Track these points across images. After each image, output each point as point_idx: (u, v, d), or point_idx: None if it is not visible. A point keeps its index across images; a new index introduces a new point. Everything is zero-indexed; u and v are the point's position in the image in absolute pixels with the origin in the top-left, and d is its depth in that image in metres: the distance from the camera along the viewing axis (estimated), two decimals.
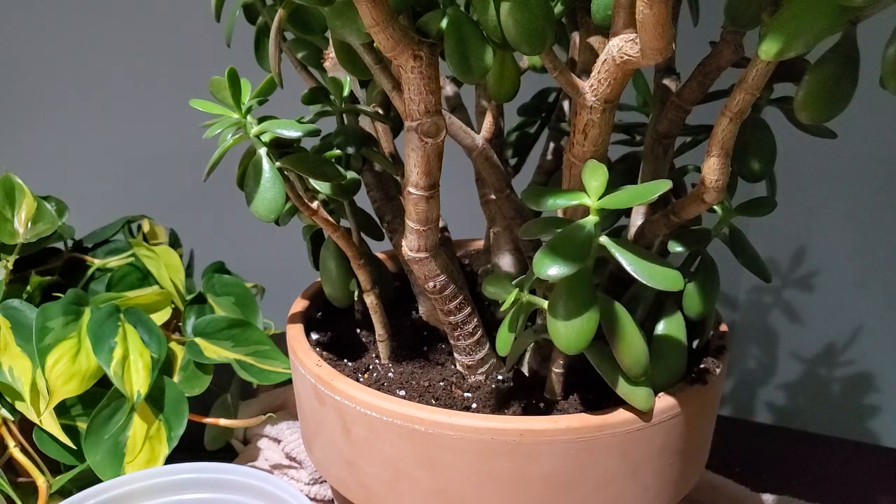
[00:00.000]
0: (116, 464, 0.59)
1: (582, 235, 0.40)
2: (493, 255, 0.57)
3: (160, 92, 0.84)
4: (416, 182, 0.44)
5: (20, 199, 0.68)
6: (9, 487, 0.58)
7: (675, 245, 0.47)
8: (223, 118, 0.45)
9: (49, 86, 0.92)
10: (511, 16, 0.37)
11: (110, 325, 0.62)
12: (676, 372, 0.47)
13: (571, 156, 0.43)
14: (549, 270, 0.38)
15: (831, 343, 0.86)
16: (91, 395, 0.61)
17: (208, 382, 0.65)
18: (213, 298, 0.72)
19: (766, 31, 0.33)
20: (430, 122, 0.41)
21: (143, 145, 0.93)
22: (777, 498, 0.66)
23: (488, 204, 0.56)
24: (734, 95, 0.38)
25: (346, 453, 0.50)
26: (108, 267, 0.71)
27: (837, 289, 0.85)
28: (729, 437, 0.59)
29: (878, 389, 0.85)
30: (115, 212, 0.78)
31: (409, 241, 0.47)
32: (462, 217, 0.65)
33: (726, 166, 0.40)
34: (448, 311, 0.49)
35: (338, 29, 0.40)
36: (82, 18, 0.89)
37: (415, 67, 0.39)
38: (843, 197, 0.81)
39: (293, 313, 0.58)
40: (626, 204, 0.39)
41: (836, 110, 0.38)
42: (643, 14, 0.33)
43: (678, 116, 0.48)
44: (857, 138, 0.73)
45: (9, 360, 0.59)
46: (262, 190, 0.45)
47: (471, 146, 0.51)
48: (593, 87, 0.39)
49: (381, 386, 0.52)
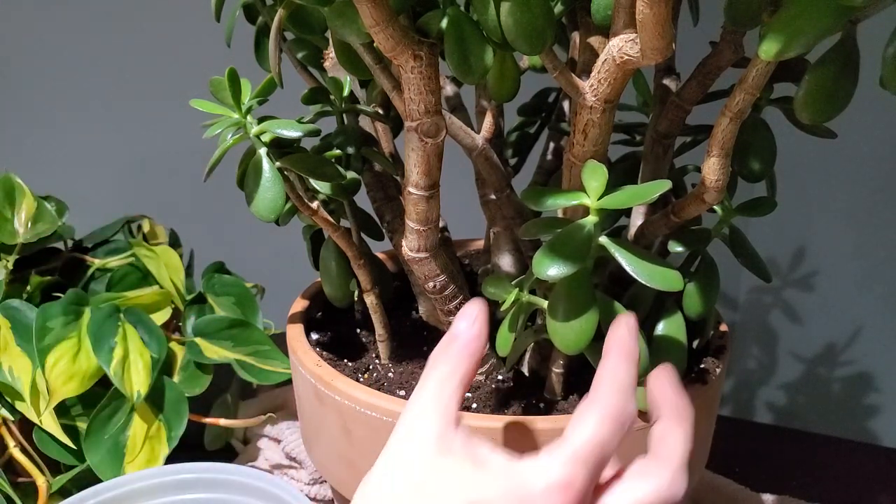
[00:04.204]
0: (116, 464, 0.59)
1: (582, 235, 0.40)
2: (493, 255, 0.57)
3: (160, 92, 0.84)
4: (416, 182, 0.44)
5: (20, 199, 0.68)
6: (9, 487, 0.58)
7: (675, 245, 0.47)
8: (223, 118, 0.45)
9: (49, 86, 0.92)
10: (511, 16, 0.37)
11: (110, 325, 0.62)
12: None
13: (571, 156, 0.43)
14: (549, 271, 0.38)
15: (831, 343, 0.86)
16: (91, 395, 0.61)
17: (208, 382, 0.65)
18: (213, 298, 0.72)
19: (766, 31, 0.33)
20: (430, 122, 0.41)
21: (143, 145, 0.93)
22: (777, 498, 0.66)
23: (488, 204, 0.56)
24: (734, 95, 0.38)
25: (346, 453, 0.50)
26: (108, 267, 0.71)
27: (837, 289, 0.85)
28: (729, 437, 0.59)
29: (878, 389, 0.85)
30: (115, 212, 0.78)
31: (409, 241, 0.47)
32: (462, 217, 0.65)
33: (726, 166, 0.40)
34: (448, 311, 0.49)
35: (338, 29, 0.40)
36: (83, 19, 0.89)
37: (415, 67, 0.39)
38: (843, 197, 0.81)
39: (293, 313, 0.58)
40: (626, 204, 0.39)
41: (836, 110, 0.38)
42: (643, 14, 0.33)
43: (678, 116, 0.48)
44: (857, 138, 0.73)
45: (9, 360, 0.59)
46: (262, 190, 0.45)
47: (471, 146, 0.51)
48: (593, 87, 0.39)
49: (381, 386, 0.52)
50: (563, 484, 0.32)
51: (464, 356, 0.35)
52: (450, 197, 0.49)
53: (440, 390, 0.35)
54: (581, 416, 0.34)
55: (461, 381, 0.35)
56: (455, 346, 0.36)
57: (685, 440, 0.35)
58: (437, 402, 0.34)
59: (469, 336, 0.36)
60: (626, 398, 0.34)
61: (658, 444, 0.35)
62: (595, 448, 0.33)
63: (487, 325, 0.36)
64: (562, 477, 0.32)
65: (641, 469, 0.34)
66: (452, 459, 0.33)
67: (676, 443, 0.35)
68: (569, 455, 0.32)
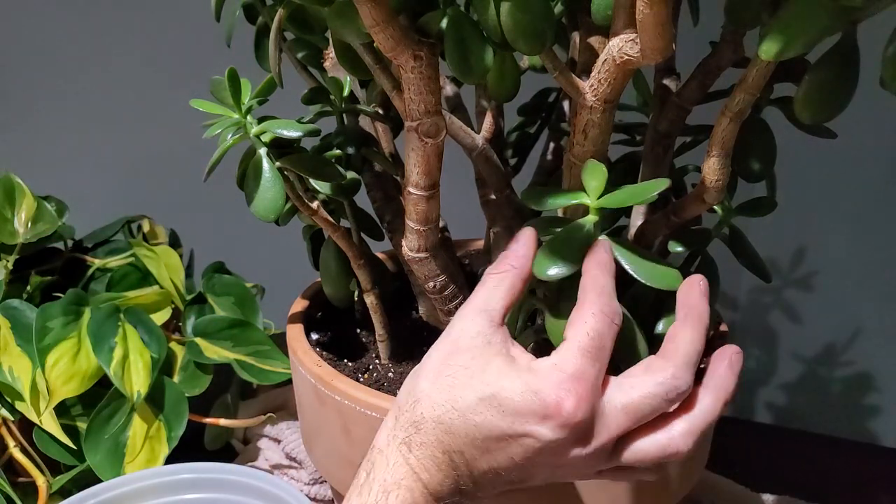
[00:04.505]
0: (116, 464, 0.59)
1: (581, 235, 0.40)
2: (493, 255, 0.57)
3: (160, 92, 0.84)
4: (416, 182, 0.44)
5: (20, 199, 0.68)
6: (9, 487, 0.58)
7: (675, 245, 0.47)
8: (223, 118, 0.45)
9: (49, 86, 0.92)
10: (511, 16, 0.37)
11: (110, 325, 0.62)
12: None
13: (571, 156, 0.43)
14: (549, 271, 0.39)
15: (831, 343, 0.87)
16: (91, 395, 0.61)
17: (208, 382, 0.65)
18: (213, 298, 0.72)
19: (766, 31, 0.33)
20: (430, 122, 0.41)
21: (143, 145, 0.93)
22: (777, 498, 0.66)
23: (488, 204, 0.56)
24: (734, 95, 0.38)
25: (346, 453, 0.50)
26: (108, 267, 0.71)
27: (837, 289, 0.85)
28: (729, 437, 0.59)
29: (878, 389, 0.85)
30: (115, 212, 0.78)
31: (409, 241, 0.47)
32: (462, 217, 0.65)
33: (726, 166, 0.40)
34: (448, 311, 0.49)
35: (338, 29, 0.40)
36: (83, 19, 0.89)
37: (415, 67, 0.39)
38: (843, 197, 0.81)
39: (293, 313, 0.58)
40: (625, 203, 0.39)
41: (836, 110, 0.38)
42: (643, 14, 0.33)
43: (678, 116, 0.48)
44: (857, 138, 0.73)
45: (9, 360, 0.59)
46: (262, 190, 0.45)
47: (471, 146, 0.51)
48: (593, 87, 0.39)
49: (381, 386, 0.52)
50: (575, 375, 0.35)
51: (511, 270, 0.39)
52: (450, 197, 0.49)
53: (488, 297, 0.39)
54: (575, 315, 0.37)
55: (507, 290, 0.39)
56: (505, 261, 0.40)
57: (692, 340, 0.38)
58: (483, 306, 0.39)
59: (518, 254, 0.40)
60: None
61: (668, 342, 0.38)
62: (594, 340, 0.36)
63: (536, 248, 0.40)
64: (574, 369, 0.36)
65: (647, 364, 0.38)
66: (490, 351, 0.37)
67: (683, 342, 0.38)
68: (574, 350, 0.36)
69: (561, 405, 0.35)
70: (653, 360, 0.38)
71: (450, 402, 0.36)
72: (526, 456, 0.36)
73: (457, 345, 0.38)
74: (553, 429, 0.35)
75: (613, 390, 0.37)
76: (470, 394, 0.36)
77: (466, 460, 0.36)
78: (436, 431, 0.36)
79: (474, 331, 0.38)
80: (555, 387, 0.35)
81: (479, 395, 0.36)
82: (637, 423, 0.37)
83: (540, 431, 0.35)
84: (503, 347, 0.38)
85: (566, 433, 0.35)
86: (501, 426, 0.35)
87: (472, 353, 0.37)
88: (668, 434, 0.37)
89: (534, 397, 0.35)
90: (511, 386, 0.36)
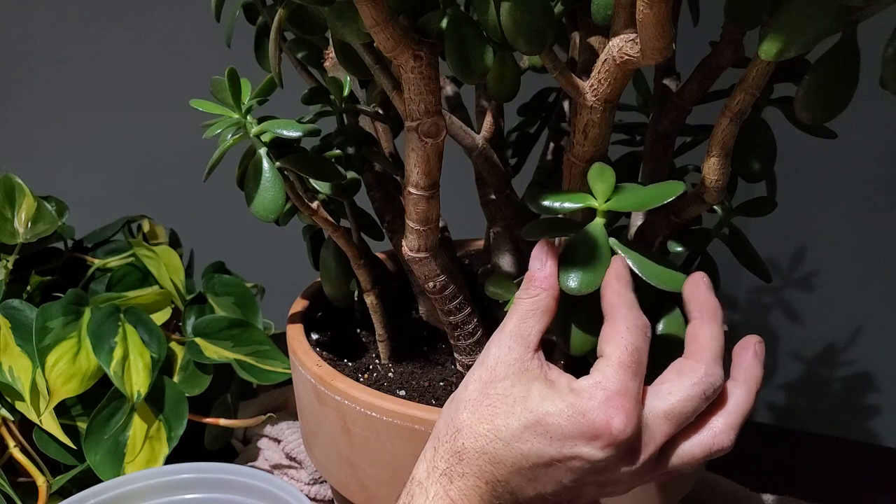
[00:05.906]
0: (116, 464, 0.59)
1: (599, 244, 0.40)
2: (493, 255, 0.57)
3: (160, 92, 0.84)
4: (416, 182, 0.44)
5: (20, 199, 0.68)
6: (9, 487, 0.58)
7: (675, 245, 0.47)
8: (223, 118, 0.45)
9: (49, 86, 0.92)
10: (511, 16, 0.37)
11: (110, 325, 0.62)
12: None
13: (572, 155, 0.43)
14: (570, 283, 0.39)
15: (831, 343, 0.87)
16: (91, 395, 0.61)
17: (208, 382, 0.65)
18: (213, 298, 0.72)
19: (766, 31, 0.33)
20: (430, 122, 0.41)
21: (143, 145, 0.93)
22: (777, 498, 0.66)
23: (488, 204, 0.56)
24: (734, 95, 0.38)
25: (346, 453, 0.50)
26: (108, 267, 0.71)
27: (837, 289, 0.85)
28: None
29: (878, 389, 0.85)
30: (115, 212, 0.78)
31: (409, 241, 0.47)
32: (462, 217, 0.65)
33: (726, 166, 0.40)
34: (448, 311, 0.49)
35: (338, 29, 0.40)
36: (83, 19, 0.89)
37: (415, 67, 0.39)
38: (843, 197, 0.81)
39: (293, 313, 0.58)
40: (638, 207, 0.39)
41: (836, 110, 0.38)
42: (643, 14, 0.33)
43: (678, 116, 0.48)
44: (857, 138, 0.73)
45: (9, 360, 0.59)
46: (262, 190, 0.45)
47: (471, 146, 0.51)
48: (593, 87, 0.39)
49: (381, 386, 0.52)
50: (619, 392, 0.35)
51: (540, 293, 0.39)
52: (450, 197, 0.49)
53: (521, 322, 0.39)
54: (609, 331, 0.38)
55: (542, 315, 0.39)
56: (532, 286, 0.40)
57: (714, 336, 0.38)
58: (517, 332, 0.39)
59: (542, 275, 0.40)
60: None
61: (691, 343, 0.39)
62: (633, 355, 0.36)
63: (556, 262, 0.40)
64: (617, 386, 0.35)
65: (678, 368, 0.38)
66: (529, 377, 0.37)
67: (706, 338, 0.38)
68: (615, 366, 0.36)
69: (610, 423, 0.35)
70: (682, 362, 0.38)
71: (493, 431, 0.36)
72: (574, 478, 0.36)
73: (494, 373, 0.38)
74: (602, 448, 0.35)
75: (652, 399, 0.37)
76: (514, 422, 0.36)
77: (511, 489, 0.36)
78: (479, 462, 0.36)
79: (511, 358, 0.38)
80: (601, 405, 0.35)
81: (523, 423, 0.36)
82: (679, 428, 0.37)
83: (589, 452, 0.35)
84: (541, 372, 0.37)
85: (615, 451, 0.35)
86: (550, 452, 0.35)
87: (510, 380, 0.37)
88: (710, 432, 0.37)
89: (581, 418, 0.35)
90: (555, 410, 0.35)
